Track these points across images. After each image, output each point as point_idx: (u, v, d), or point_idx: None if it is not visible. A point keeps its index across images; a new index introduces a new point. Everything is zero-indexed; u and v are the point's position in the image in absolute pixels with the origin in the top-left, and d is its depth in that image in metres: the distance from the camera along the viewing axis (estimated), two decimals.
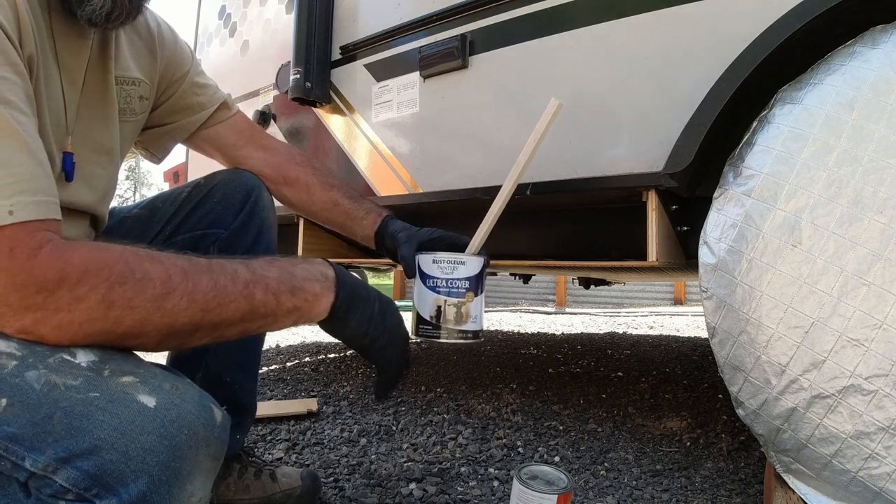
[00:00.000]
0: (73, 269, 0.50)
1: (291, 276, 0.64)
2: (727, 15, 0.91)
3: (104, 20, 0.66)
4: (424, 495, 1.07)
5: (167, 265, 0.55)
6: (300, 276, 0.65)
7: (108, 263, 0.52)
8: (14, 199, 0.50)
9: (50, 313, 0.50)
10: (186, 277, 0.56)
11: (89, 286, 0.50)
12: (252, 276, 0.61)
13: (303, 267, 0.66)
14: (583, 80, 1.08)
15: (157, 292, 0.53)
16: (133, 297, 0.52)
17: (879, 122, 0.77)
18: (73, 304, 0.50)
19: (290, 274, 0.64)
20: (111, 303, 0.51)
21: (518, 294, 7.33)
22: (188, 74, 0.94)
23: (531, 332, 3.69)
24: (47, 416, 0.47)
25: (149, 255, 0.55)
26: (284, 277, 0.63)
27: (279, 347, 3.03)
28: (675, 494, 1.09)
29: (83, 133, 0.74)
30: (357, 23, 1.49)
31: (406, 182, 1.38)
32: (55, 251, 0.50)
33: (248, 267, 0.61)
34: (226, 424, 0.54)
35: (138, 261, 0.54)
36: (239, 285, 0.59)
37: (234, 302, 0.58)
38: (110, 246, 0.54)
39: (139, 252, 0.55)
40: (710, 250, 0.88)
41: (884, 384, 0.75)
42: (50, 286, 0.49)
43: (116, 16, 0.66)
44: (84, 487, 0.45)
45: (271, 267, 0.63)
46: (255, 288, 0.60)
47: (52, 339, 0.51)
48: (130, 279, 0.52)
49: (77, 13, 0.65)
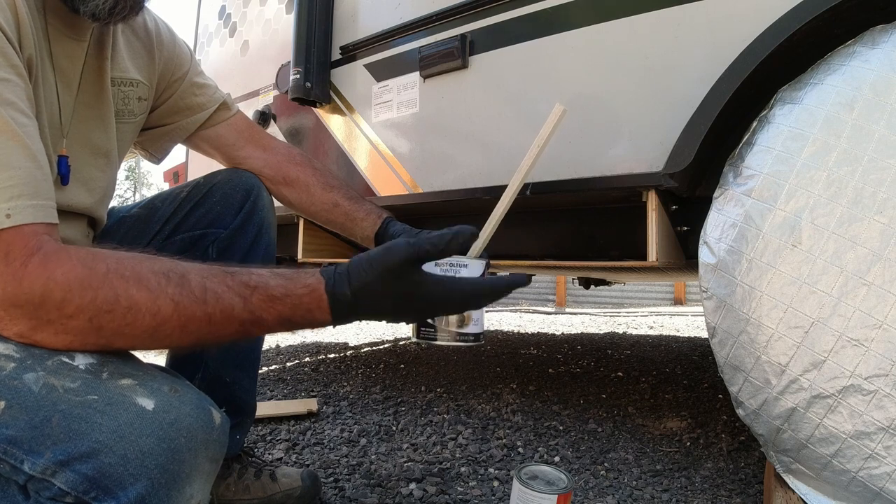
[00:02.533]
0: (55, 287, 0.49)
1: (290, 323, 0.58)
2: (727, 15, 0.91)
3: (108, 14, 0.65)
4: (424, 495, 1.07)
5: (156, 293, 0.52)
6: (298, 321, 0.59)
7: (91, 285, 0.50)
8: (12, 203, 0.50)
9: (43, 323, 0.50)
10: (177, 311, 0.53)
11: (74, 307, 0.50)
12: (250, 316, 0.56)
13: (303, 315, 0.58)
14: (583, 80, 1.08)
15: (147, 325, 0.52)
16: (122, 326, 0.51)
17: (879, 122, 0.77)
18: (64, 321, 0.50)
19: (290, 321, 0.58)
20: (100, 327, 0.51)
21: (518, 294, 7.32)
22: (187, 75, 0.94)
23: (531, 332, 3.69)
24: (46, 419, 0.46)
25: (136, 279, 0.52)
26: (282, 322, 0.58)
27: (279, 347, 3.03)
28: (675, 494, 1.09)
29: (79, 135, 0.74)
30: (357, 23, 1.49)
31: (406, 182, 1.38)
32: (41, 264, 0.50)
33: (246, 303, 0.55)
34: (225, 427, 0.54)
35: (124, 286, 0.51)
36: (234, 324, 0.55)
37: (229, 336, 0.56)
38: (96, 262, 0.52)
39: (125, 273, 0.52)
40: (710, 250, 0.88)
41: (884, 384, 0.75)
42: (36, 300, 0.49)
43: (120, 10, 0.66)
44: (83, 490, 0.45)
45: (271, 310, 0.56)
46: (251, 327, 0.57)
47: (48, 344, 0.52)
48: (116, 308, 0.51)
49: (80, 9, 0.65)
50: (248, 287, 0.56)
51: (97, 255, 0.53)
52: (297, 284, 0.57)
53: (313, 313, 0.57)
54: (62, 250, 0.52)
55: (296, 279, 0.58)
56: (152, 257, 0.56)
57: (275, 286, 0.57)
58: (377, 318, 0.61)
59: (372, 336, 3.63)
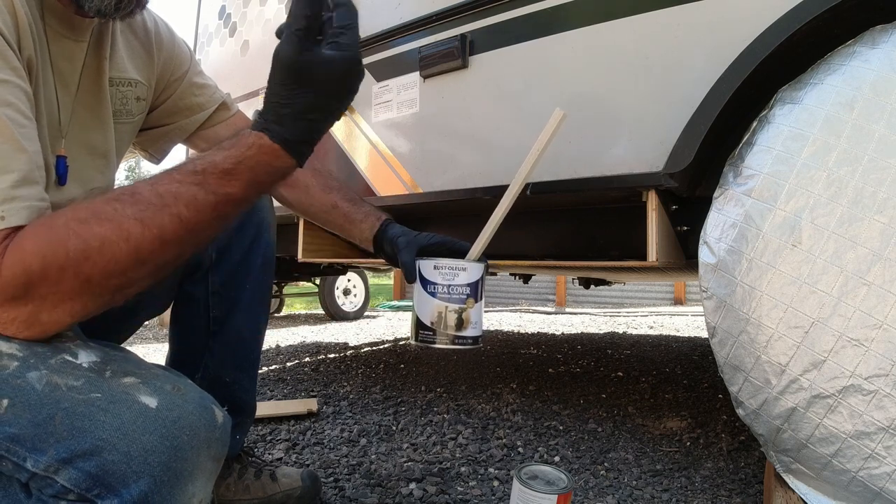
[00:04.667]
0: (31, 259, 0.49)
1: (257, 184, 0.59)
2: (727, 15, 0.91)
3: (113, 10, 0.65)
4: (424, 495, 1.07)
5: (118, 221, 0.52)
6: (264, 178, 0.60)
7: (59, 240, 0.50)
8: (6, 206, 0.50)
9: (39, 301, 0.50)
10: (146, 227, 0.53)
11: (56, 269, 0.50)
12: (216, 198, 0.56)
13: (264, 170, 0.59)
14: (583, 80, 1.08)
15: (126, 253, 0.52)
16: (105, 264, 0.51)
17: (879, 122, 0.77)
18: (54, 287, 0.50)
19: (255, 182, 0.59)
20: (87, 277, 0.51)
21: (518, 294, 7.32)
22: (187, 74, 0.94)
23: (531, 332, 3.69)
24: (49, 417, 0.47)
25: (94, 216, 0.52)
26: (250, 186, 0.59)
27: (279, 347, 3.03)
28: (675, 494, 1.09)
29: (77, 136, 0.74)
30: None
31: (406, 182, 1.38)
32: (13, 246, 0.50)
33: (207, 188, 0.56)
34: (227, 425, 0.54)
35: (87, 228, 0.51)
36: (207, 212, 0.56)
37: (208, 226, 0.57)
38: (53, 219, 0.52)
39: (82, 216, 0.52)
40: (710, 250, 0.88)
41: (884, 384, 0.75)
42: (21, 280, 0.49)
43: (126, 5, 0.66)
44: (86, 488, 0.45)
45: (232, 181, 0.57)
46: (225, 207, 0.57)
47: (55, 323, 0.52)
48: (90, 251, 0.51)
49: (85, 6, 0.65)
50: (197, 173, 0.57)
51: (54, 214, 0.53)
52: (242, 147, 0.58)
53: (273, 164, 0.59)
54: (24, 230, 0.51)
55: (238, 144, 0.59)
56: (102, 192, 0.56)
57: (222, 160, 0.57)
58: (319, 116, 0.61)
59: (372, 336, 3.63)
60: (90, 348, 0.55)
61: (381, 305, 7.09)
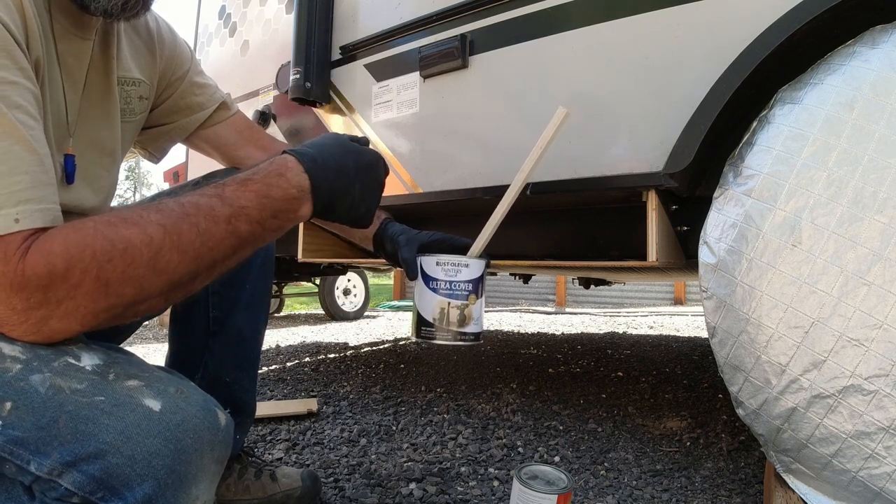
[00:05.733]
0: (56, 259, 0.50)
1: (271, 200, 0.63)
2: (727, 15, 0.91)
3: (120, 10, 0.66)
4: (424, 495, 1.07)
5: (143, 225, 0.54)
6: (279, 198, 0.64)
7: (87, 242, 0.51)
8: (20, 208, 0.50)
9: (53, 306, 0.50)
10: (167, 233, 0.55)
11: (79, 270, 0.50)
12: (231, 210, 0.59)
13: (278, 186, 0.65)
14: (583, 80, 1.08)
15: (146, 257, 0.53)
16: (125, 268, 0.52)
17: (879, 122, 0.77)
18: (72, 291, 0.50)
19: (268, 197, 0.63)
20: (107, 281, 0.51)
21: (518, 294, 7.33)
22: (187, 74, 0.94)
23: (531, 332, 3.69)
24: (52, 420, 0.47)
25: (122, 220, 0.54)
26: (264, 203, 0.62)
27: (279, 347, 3.03)
28: (675, 494, 1.09)
29: (85, 134, 0.74)
30: (357, 23, 1.49)
31: (406, 182, 1.38)
32: (38, 246, 0.50)
33: (224, 200, 0.60)
34: (230, 428, 0.54)
35: (114, 231, 0.53)
36: (222, 224, 0.58)
37: (222, 242, 0.59)
38: (83, 223, 0.53)
39: (111, 220, 0.54)
40: (710, 250, 0.88)
41: (884, 384, 0.75)
42: (44, 281, 0.49)
43: (132, 5, 0.66)
44: (89, 491, 0.45)
45: (247, 192, 0.62)
46: (238, 222, 0.60)
47: (62, 331, 0.52)
48: (114, 252, 0.52)
49: (91, 6, 0.65)
50: (218, 185, 0.62)
51: (82, 220, 0.55)
52: (264, 164, 0.66)
53: (286, 176, 0.65)
54: (51, 231, 0.52)
55: (263, 164, 0.66)
56: (128, 205, 0.58)
57: (242, 174, 0.64)
58: (333, 176, 0.70)
59: (372, 336, 3.63)
60: (93, 351, 0.55)
61: (382, 305, 7.10)
